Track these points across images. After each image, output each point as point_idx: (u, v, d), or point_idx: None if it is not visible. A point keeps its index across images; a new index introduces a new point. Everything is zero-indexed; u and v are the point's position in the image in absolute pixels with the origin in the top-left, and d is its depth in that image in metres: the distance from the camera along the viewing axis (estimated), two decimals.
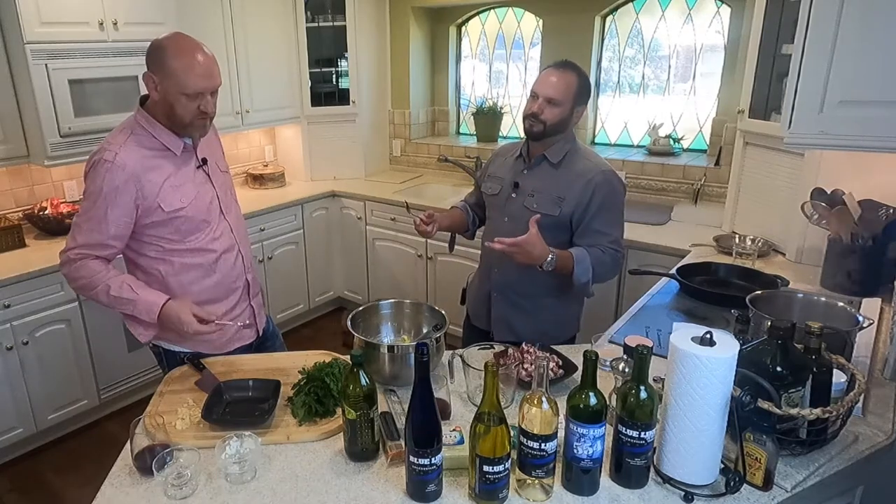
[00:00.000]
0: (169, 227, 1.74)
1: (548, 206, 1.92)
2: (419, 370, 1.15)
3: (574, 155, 1.96)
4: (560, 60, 1.94)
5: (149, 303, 1.67)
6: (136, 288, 1.69)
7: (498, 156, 2.17)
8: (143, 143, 1.70)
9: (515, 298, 2.03)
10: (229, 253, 1.85)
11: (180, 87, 1.62)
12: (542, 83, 1.90)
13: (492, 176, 2.11)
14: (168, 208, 1.70)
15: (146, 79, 1.66)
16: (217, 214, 1.83)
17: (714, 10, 3.43)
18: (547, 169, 1.96)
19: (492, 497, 1.17)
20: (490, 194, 2.09)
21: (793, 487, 1.21)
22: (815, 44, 1.64)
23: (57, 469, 2.83)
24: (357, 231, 4.06)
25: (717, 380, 1.14)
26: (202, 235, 1.79)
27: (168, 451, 1.26)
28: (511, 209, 2.00)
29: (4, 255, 2.87)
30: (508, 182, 2.02)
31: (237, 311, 1.91)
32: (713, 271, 2.31)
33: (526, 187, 1.97)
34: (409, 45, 4.27)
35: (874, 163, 2.21)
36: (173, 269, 1.78)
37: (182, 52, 1.62)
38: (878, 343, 1.75)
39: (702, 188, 3.34)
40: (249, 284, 1.94)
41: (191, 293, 1.79)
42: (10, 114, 2.86)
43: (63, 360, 2.86)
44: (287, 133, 4.31)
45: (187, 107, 1.65)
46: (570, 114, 1.91)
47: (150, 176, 1.68)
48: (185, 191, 1.74)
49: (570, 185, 1.91)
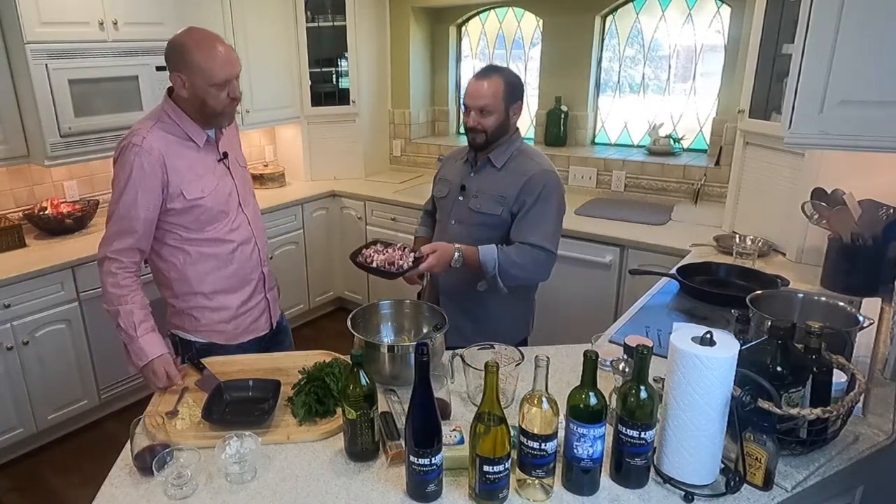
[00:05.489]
0: (188, 216, 1.79)
1: (490, 205, 1.95)
2: (419, 370, 1.15)
3: (519, 156, 1.97)
4: (483, 67, 1.96)
5: (142, 350, 1.69)
6: (140, 327, 1.71)
7: (448, 159, 2.20)
8: (169, 132, 1.76)
9: (463, 303, 2.03)
10: (246, 245, 1.91)
11: (208, 79, 1.68)
12: (470, 95, 1.90)
13: (441, 179, 2.15)
14: (189, 196, 1.76)
15: (174, 79, 1.72)
16: (235, 206, 1.89)
17: (714, 10, 3.43)
18: (492, 171, 1.98)
19: (492, 497, 1.17)
20: (439, 197, 2.13)
21: (793, 487, 1.21)
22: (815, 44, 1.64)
23: (57, 469, 2.83)
24: (357, 231, 4.06)
25: (717, 380, 1.14)
26: (220, 226, 1.84)
27: (168, 451, 1.26)
28: (458, 211, 2.03)
29: (4, 255, 2.87)
30: (456, 185, 2.05)
31: (252, 302, 1.96)
32: (713, 271, 2.31)
33: (471, 189, 2.00)
34: (409, 45, 4.27)
35: (874, 163, 2.21)
36: (191, 258, 1.83)
37: (202, 46, 1.68)
38: (879, 343, 1.75)
39: (702, 188, 3.34)
40: (265, 277, 2.00)
41: (206, 283, 1.86)
42: (10, 114, 2.86)
43: (63, 360, 2.86)
44: (287, 133, 4.31)
45: (218, 97, 1.71)
46: (506, 116, 1.91)
47: (174, 162, 1.74)
48: (206, 181, 1.80)
49: (512, 184, 1.94)
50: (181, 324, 1.90)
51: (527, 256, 1.90)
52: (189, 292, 1.87)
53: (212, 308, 1.89)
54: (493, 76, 1.89)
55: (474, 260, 1.87)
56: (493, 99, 1.87)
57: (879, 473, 1.40)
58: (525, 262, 1.90)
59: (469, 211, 1.99)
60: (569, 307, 3.08)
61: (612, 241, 2.99)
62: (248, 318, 1.96)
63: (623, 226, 3.10)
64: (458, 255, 1.85)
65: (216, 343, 1.91)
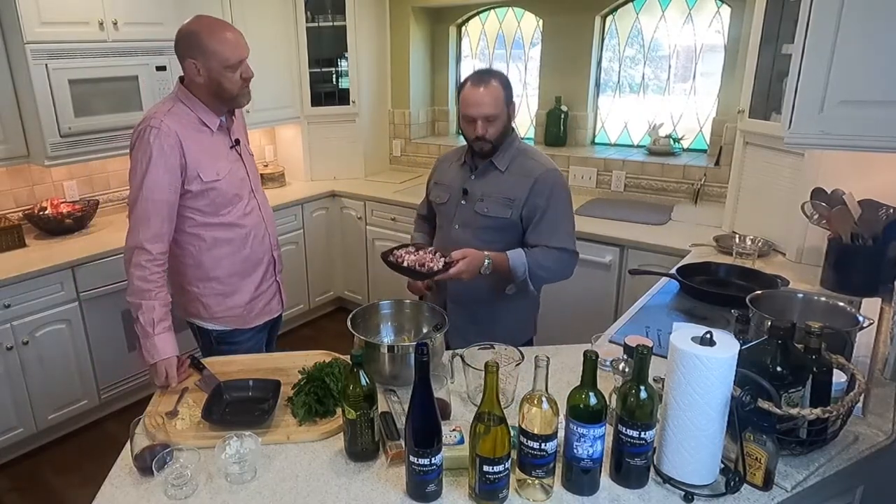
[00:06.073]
0: (204, 199, 1.83)
1: (498, 209, 1.94)
2: (419, 370, 1.15)
3: (519, 156, 1.96)
4: (475, 74, 1.89)
5: (156, 348, 1.70)
6: (158, 325, 1.73)
7: (441, 163, 2.16)
8: (183, 117, 1.81)
9: (472, 307, 2.03)
10: (258, 229, 1.98)
11: (223, 61, 1.75)
12: (473, 105, 1.84)
13: (438, 184, 2.10)
14: (206, 178, 1.81)
15: (188, 66, 1.78)
16: (248, 191, 1.96)
17: (714, 10, 3.43)
18: (495, 174, 1.96)
19: (492, 497, 1.17)
20: (439, 203, 2.08)
21: (793, 487, 1.21)
22: (815, 44, 1.64)
23: (57, 469, 2.83)
24: (357, 231, 4.06)
25: (717, 380, 1.14)
26: (234, 210, 1.90)
27: (168, 451, 1.26)
28: (462, 216, 2.00)
29: (4, 255, 2.87)
30: (456, 189, 2.01)
31: (264, 286, 2.04)
32: (713, 271, 2.31)
33: (475, 192, 1.97)
34: (409, 45, 4.27)
35: (874, 163, 2.21)
36: (206, 244, 1.88)
37: (214, 31, 1.76)
38: (879, 343, 1.75)
39: (702, 188, 3.34)
40: (276, 261, 2.07)
41: (222, 267, 1.92)
42: (10, 114, 2.86)
43: (63, 360, 2.86)
44: (287, 133, 4.31)
45: (232, 79, 1.79)
46: (507, 119, 1.90)
47: (190, 144, 1.79)
48: (221, 165, 1.86)
49: (518, 186, 1.92)
50: (196, 311, 1.94)
51: (552, 258, 1.94)
52: (203, 278, 1.91)
53: (226, 293, 1.95)
54: (490, 81, 1.84)
55: (504, 266, 1.88)
56: (497, 105, 1.84)
57: (879, 473, 1.40)
58: (551, 264, 1.94)
59: (475, 215, 1.97)
60: (569, 307, 3.07)
61: (612, 241, 2.99)
62: (262, 300, 2.04)
63: (623, 226, 3.10)
64: (487, 262, 1.84)
65: (233, 329, 1.98)
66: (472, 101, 1.84)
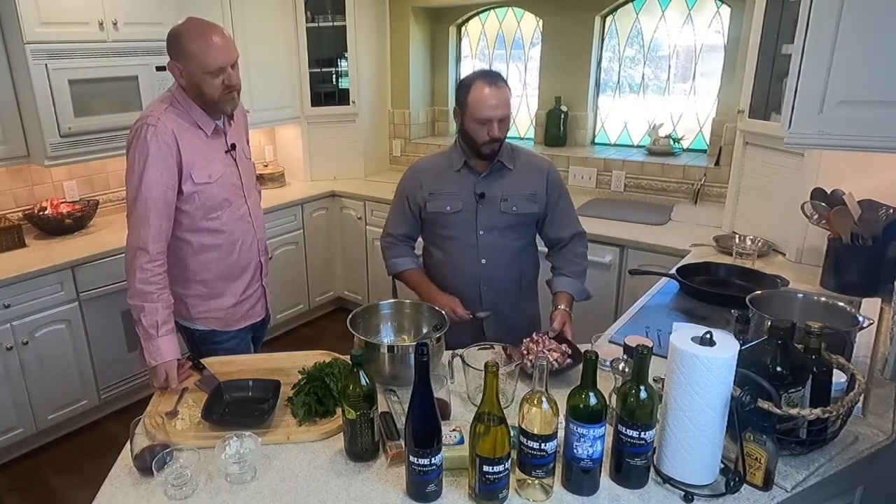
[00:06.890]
0: (194, 202, 1.82)
1: (525, 205, 1.98)
2: (419, 370, 1.15)
3: (517, 153, 2.01)
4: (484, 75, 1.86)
5: (158, 351, 1.70)
6: (161, 328, 1.73)
7: (423, 173, 2.01)
8: (179, 117, 1.80)
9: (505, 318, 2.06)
10: (247, 236, 1.97)
11: (202, 66, 1.72)
12: (490, 108, 1.81)
13: (437, 194, 1.98)
14: (198, 180, 1.80)
15: (171, 68, 1.76)
16: (239, 197, 1.94)
17: (714, 10, 3.43)
18: (506, 171, 1.97)
19: (492, 497, 1.17)
20: (452, 212, 1.97)
21: (793, 487, 1.21)
22: (815, 44, 1.64)
23: (57, 469, 2.83)
24: (357, 231, 4.06)
25: (717, 380, 1.14)
26: (223, 214, 1.88)
27: (168, 451, 1.26)
28: (486, 219, 1.97)
29: (4, 255, 2.87)
30: (468, 194, 1.95)
31: (250, 290, 2.04)
32: (713, 271, 2.31)
33: (494, 194, 1.95)
34: (409, 45, 4.27)
35: (874, 163, 2.21)
36: (192, 249, 1.88)
37: (198, 34, 1.72)
38: (878, 343, 1.75)
39: (702, 188, 3.34)
40: (263, 266, 2.07)
41: (208, 272, 1.91)
42: (10, 114, 2.86)
43: (63, 360, 2.86)
44: (287, 133, 4.31)
45: (213, 84, 1.75)
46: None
47: (185, 143, 1.78)
48: (215, 168, 1.85)
49: (534, 181, 1.98)
50: (179, 311, 1.91)
51: (579, 254, 2.07)
52: (190, 280, 1.91)
53: (211, 296, 1.94)
54: (500, 83, 1.85)
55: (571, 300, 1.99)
56: (508, 105, 1.86)
57: (879, 473, 1.40)
58: (581, 259, 2.07)
59: (501, 215, 1.96)
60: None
61: (612, 241, 2.99)
62: (246, 304, 2.04)
63: (623, 226, 3.10)
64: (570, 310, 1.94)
65: (214, 330, 1.98)
66: (489, 102, 1.81)
